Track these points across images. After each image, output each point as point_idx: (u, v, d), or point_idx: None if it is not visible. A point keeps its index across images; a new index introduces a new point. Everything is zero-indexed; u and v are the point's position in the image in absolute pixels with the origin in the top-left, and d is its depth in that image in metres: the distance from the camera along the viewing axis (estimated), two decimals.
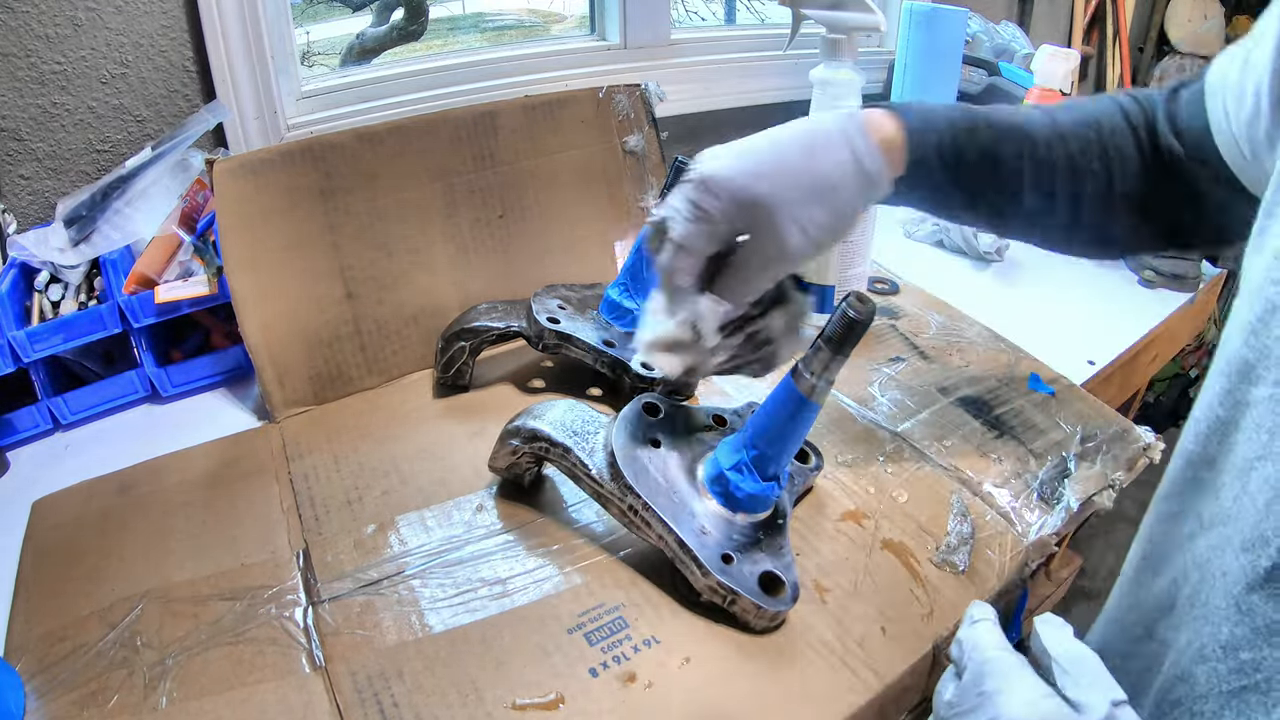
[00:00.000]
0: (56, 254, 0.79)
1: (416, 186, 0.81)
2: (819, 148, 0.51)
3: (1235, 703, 0.33)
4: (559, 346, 0.75)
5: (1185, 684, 0.37)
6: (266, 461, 0.70)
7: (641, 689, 0.50)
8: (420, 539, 0.61)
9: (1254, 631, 0.33)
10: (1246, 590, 0.33)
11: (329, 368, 0.78)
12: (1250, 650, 0.33)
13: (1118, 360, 0.93)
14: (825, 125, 0.52)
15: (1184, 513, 0.40)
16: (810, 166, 0.50)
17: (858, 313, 0.50)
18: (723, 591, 0.53)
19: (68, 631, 0.54)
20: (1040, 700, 0.34)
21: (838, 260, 0.84)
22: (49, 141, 0.88)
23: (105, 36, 0.87)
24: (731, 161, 0.50)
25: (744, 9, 1.61)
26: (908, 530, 0.64)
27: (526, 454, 0.61)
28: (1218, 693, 0.34)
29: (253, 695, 0.50)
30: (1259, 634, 0.33)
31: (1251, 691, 0.33)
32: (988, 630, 0.38)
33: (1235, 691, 0.34)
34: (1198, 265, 1.09)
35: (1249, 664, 0.33)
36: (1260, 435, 0.34)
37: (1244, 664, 0.33)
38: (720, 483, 0.57)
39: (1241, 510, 0.35)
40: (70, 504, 0.66)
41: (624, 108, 0.93)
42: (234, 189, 0.73)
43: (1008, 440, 0.74)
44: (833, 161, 0.51)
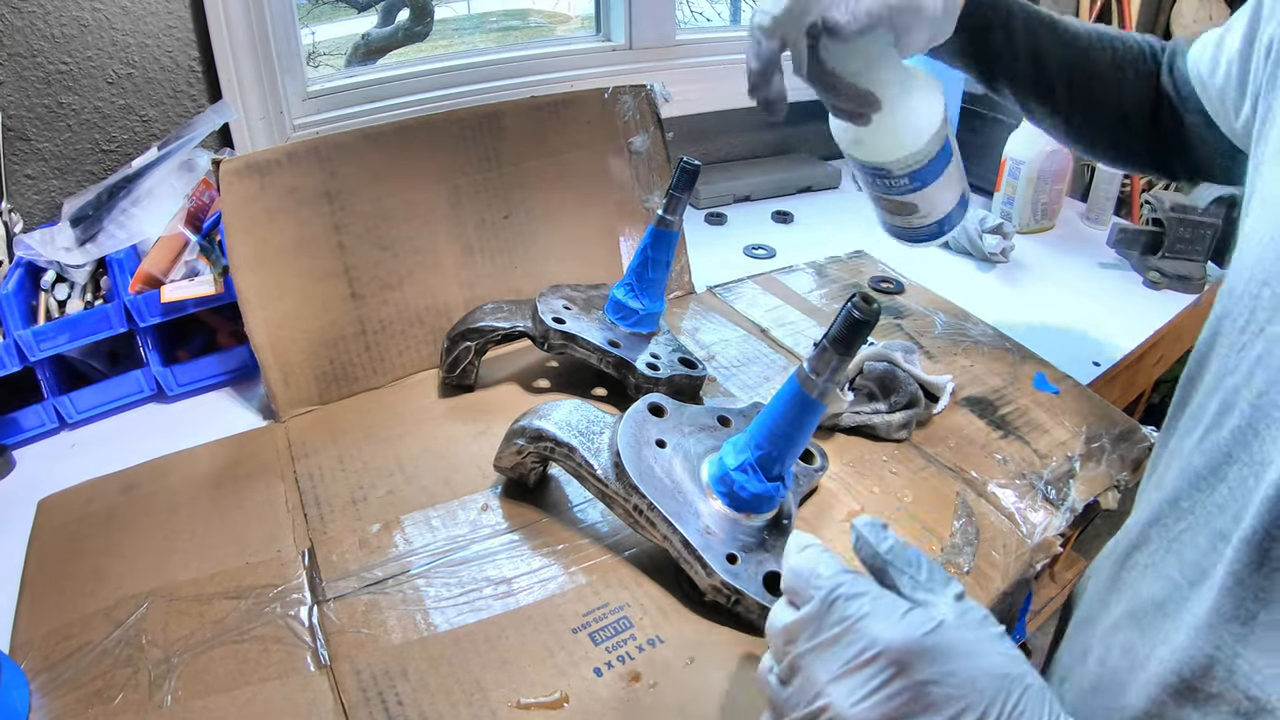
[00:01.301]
0: (62, 253, 0.79)
1: (422, 187, 0.82)
2: None
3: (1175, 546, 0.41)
4: (564, 346, 0.75)
5: (1140, 549, 0.44)
6: (272, 461, 0.70)
7: (646, 688, 0.50)
8: (425, 538, 0.62)
9: (1189, 482, 0.40)
10: (1190, 452, 0.41)
11: (334, 367, 0.78)
12: (1186, 499, 0.40)
13: (1123, 361, 0.93)
14: None
15: (1168, 429, 0.46)
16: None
17: (863, 313, 0.50)
18: (727, 591, 0.53)
19: (73, 629, 0.54)
20: (906, 615, 0.33)
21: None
22: (55, 141, 0.88)
23: (112, 37, 0.87)
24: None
25: (749, 9, 1.61)
26: (912, 531, 0.64)
27: (532, 454, 0.61)
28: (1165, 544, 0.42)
29: (257, 694, 0.50)
30: (1191, 482, 0.40)
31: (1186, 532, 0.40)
32: (820, 554, 0.36)
33: (1175, 538, 0.41)
34: (1203, 267, 1.09)
35: (1185, 509, 0.40)
36: (1220, 341, 0.40)
37: (1181, 511, 0.41)
38: (725, 483, 0.57)
39: (1198, 394, 0.41)
40: (76, 503, 0.66)
41: (629, 108, 0.93)
42: (240, 189, 0.73)
43: (1013, 440, 0.74)
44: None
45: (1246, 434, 0.36)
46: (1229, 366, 0.38)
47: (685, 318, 0.93)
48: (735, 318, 0.93)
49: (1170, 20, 2.21)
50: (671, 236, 0.76)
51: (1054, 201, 1.23)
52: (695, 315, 0.94)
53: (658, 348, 0.78)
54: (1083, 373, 0.87)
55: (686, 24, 1.47)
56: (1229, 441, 0.37)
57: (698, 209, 1.28)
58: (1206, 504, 0.38)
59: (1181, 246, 1.09)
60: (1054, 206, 1.23)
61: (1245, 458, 0.36)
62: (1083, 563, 1.46)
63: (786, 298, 0.98)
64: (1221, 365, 0.39)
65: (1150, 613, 0.41)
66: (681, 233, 0.79)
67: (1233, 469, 0.37)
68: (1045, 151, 1.17)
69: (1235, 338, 0.38)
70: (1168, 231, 1.09)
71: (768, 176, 1.34)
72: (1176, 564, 0.40)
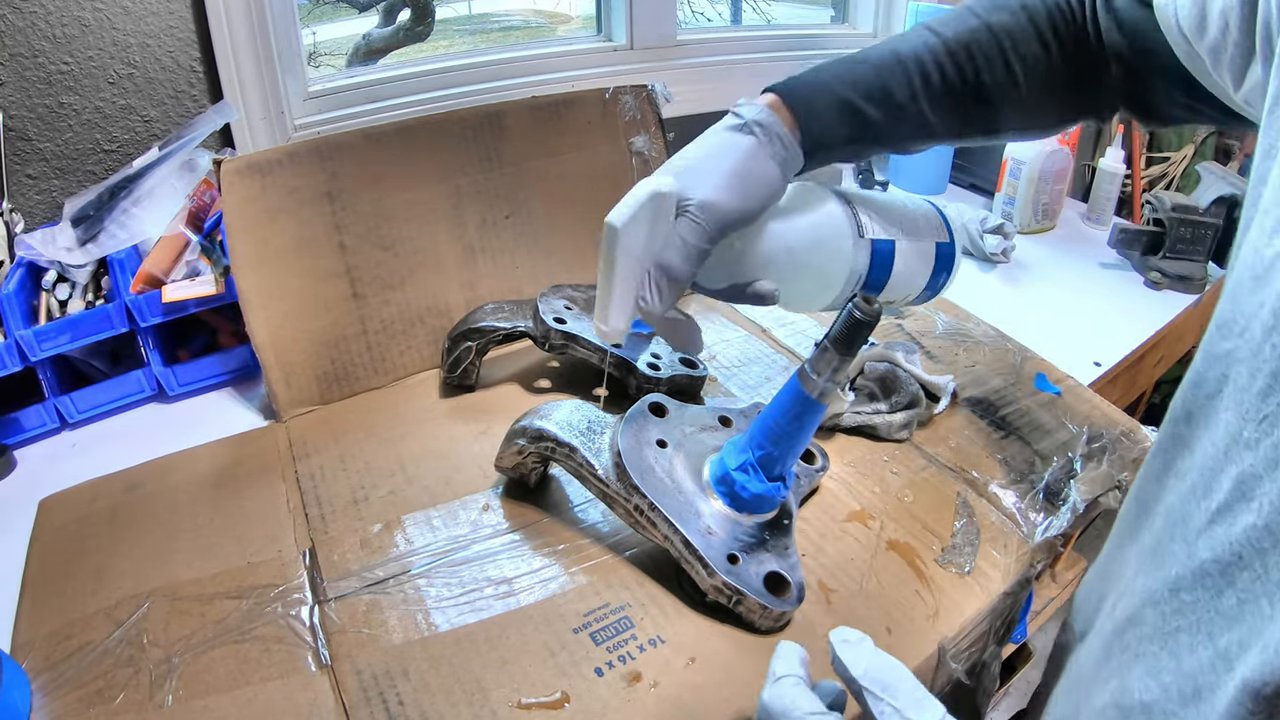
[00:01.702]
0: (64, 253, 0.79)
1: (423, 187, 0.82)
2: (754, 169, 0.53)
3: (1171, 643, 0.34)
4: (565, 346, 0.75)
5: (1135, 626, 0.37)
6: (273, 461, 0.71)
7: (647, 688, 0.50)
8: (426, 538, 0.62)
9: (1192, 573, 0.33)
10: (1195, 534, 0.34)
11: (335, 367, 0.78)
12: (1189, 592, 0.34)
13: (1124, 361, 0.92)
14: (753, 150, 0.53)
15: (1166, 470, 0.40)
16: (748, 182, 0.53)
17: (864, 313, 0.50)
18: (728, 591, 0.53)
19: (74, 629, 0.54)
20: None
21: None
22: (56, 141, 0.88)
23: (113, 37, 0.87)
24: (720, 192, 0.52)
25: (750, 10, 1.62)
26: (913, 531, 0.64)
27: (533, 454, 0.61)
28: (1160, 634, 0.35)
29: (258, 693, 0.50)
30: (1195, 575, 0.33)
31: (1183, 631, 0.33)
32: (793, 689, 0.35)
33: (1172, 632, 0.34)
34: (1204, 267, 1.09)
35: (1186, 605, 0.34)
36: (1225, 387, 0.34)
37: (1183, 605, 0.34)
38: (726, 483, 0.57)
39: (1205, 458, 0.35)
40: (77, 502, 0.66)
41: (630, 108, 0.93)
42: (241, 189, 0.73)
43: (1013, 440, 0.74)
44: (767, 179, 0.54)
45: (1264, 540, 0.30)
46: (1245, 438, 0.32)
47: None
48: (736, 317, 0.93)
49: None
50: None
51: (1055, 202, 1.23)
52: (696, 315, 0.93)
53: (659, 348, 0.78)
54: (1084, 373, 0.87)
55: (687, 24, 1.47)
56: (1242, 541, 0.31)
57: None
58: (1210, 608, 0.33)
59: (1182, 247, 1.09)
60: (1055, 207, 1.23)
61: (1260, 569, 0.30)
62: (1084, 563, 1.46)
63: None
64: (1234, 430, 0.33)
65: (1137, 716, 0.36)
66: None
67: (1243, 576, 0.31)
68: (1046, 152, 1.17)
69: (1253, 402, 0.32)
70: (1169, 232, 1.09)
71: None
72: (1171, 667, 0.34)
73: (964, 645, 0.57)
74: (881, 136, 0.57)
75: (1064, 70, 0.57)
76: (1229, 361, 0.34)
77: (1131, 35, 0.54)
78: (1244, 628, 0.30)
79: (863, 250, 0.58)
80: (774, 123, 0.53)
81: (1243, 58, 0.42)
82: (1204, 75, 0.48)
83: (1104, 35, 0.55)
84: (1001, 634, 0.60)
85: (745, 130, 0.53)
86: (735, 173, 0.52)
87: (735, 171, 0.52)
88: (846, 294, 0.59)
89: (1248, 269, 0.34)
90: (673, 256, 0.51)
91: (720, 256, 0.55)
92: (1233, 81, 0.44)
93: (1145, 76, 0.55)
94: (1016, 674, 1.27)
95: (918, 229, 0.62)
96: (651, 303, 0.51)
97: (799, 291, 0.58)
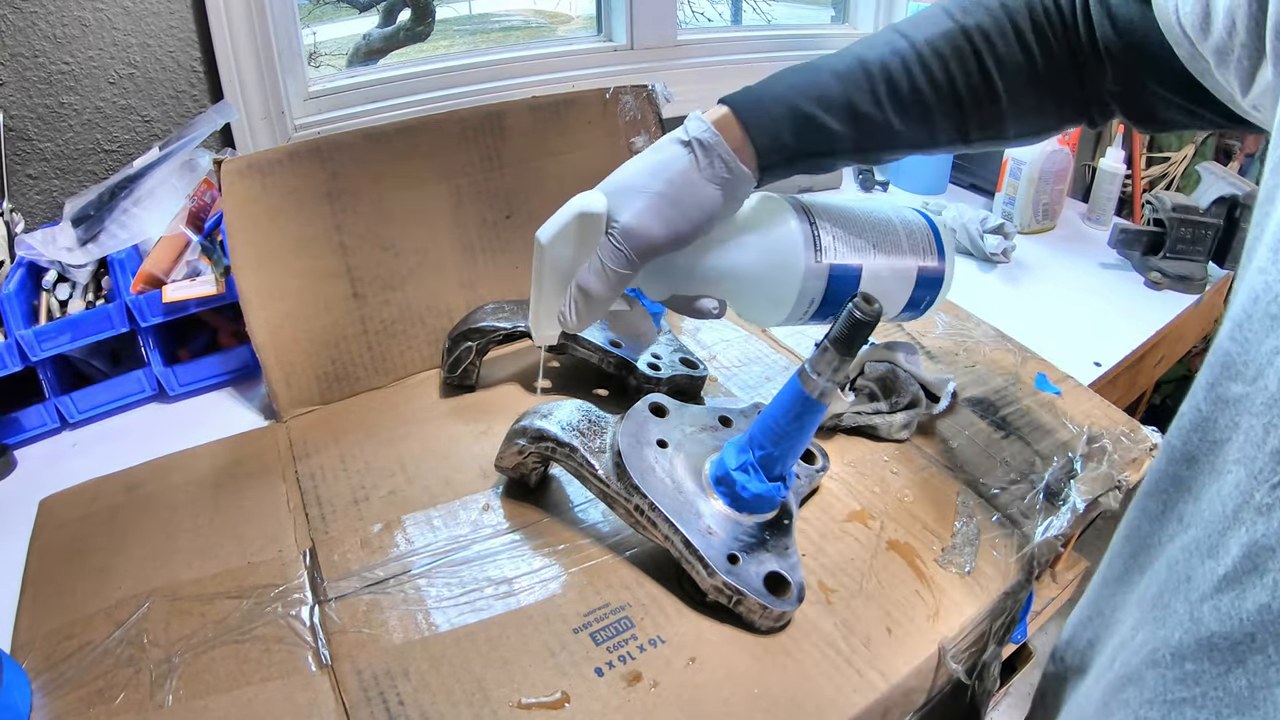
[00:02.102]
0: (64, 253, 0.79)
1: (423, 187, 0.82)
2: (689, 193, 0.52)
3: (1174, 714, 0.32)
4: (565, 346, 0.75)
5: (1135, 686, 0.35)
6: (273, 461, 0.71)
7: (647, 689, 0.50)
8: (426, 538, 0.62)
9: (1197, 641, 0.31)
10: (1200, 599, 0.32)
11: (336, 367, 0.78)
12: (1193, 661, 0.31)
13: (1124, 361, 0.92)
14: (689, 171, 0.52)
15: (1166, 512, 0.38)
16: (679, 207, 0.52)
17: (864, 314, 0.50)
18: (728, 592, 0.53)
19: (74, 629, 0.54)
20: None
21: None
22: (57, 141, 0.88)
23: (113, 37, 0.87)
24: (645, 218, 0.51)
25: (750, 10, 1.62)
26: (913, 531, 0.64)
27: (533, 454, 0.61)
28: (1162, 700, 0.33)
29: (259, 693, 0.50)
30: (1201, 645, 0.31)
31: (1188, 704, 0.31)
32: None
33: (1176, 702, 0.32)
34: (1204, 267, 1.09)
35: (1191, 675, 0.31)
36: (1235, 436, 0.32)
37: (1187, 674, 0.32)
38: (726, 483, 0.57)
39: (1212, 514, 0.33)
40: (77, 502, 0.66)
41: (631, 109, 0.93)
42: (241, 189, 0.73)
43: (1014, 440, 0.74)
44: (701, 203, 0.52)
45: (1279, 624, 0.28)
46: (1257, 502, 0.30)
47: (687, 318, 0.93)
48: (736, 318, 0.93)
49: None
50: None
51: (1055, 202, 1.23)
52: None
53: (659, 348, 0.78)
54: (1084, 373, 0.87)
55: (688, 24, 1.47)
56: (1255, 621, 0.29)
57: None
58: (1217, 685, 0.30)
59: (1183, 247, 1.09)
60: (1055, 207, 1.23)
61: (1275, 655, 0.28)
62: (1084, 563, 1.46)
63: None
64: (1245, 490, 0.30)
65: None
66: None
67: (1255, 659, 0.29)
68: (1046, 152, 1.17)
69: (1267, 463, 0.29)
70: (1169, 232, 1.09)
71: None
72: None
73: (964, 645, 0.57)
74: (845, 149, 0.55)
75: (1048, 73, 0.54)
76: (1239, 410, 0.32)
77: (1127, 34, 0.51)
78: (1257, 716, 0.29)
79: (817, 275, 0.55)
80: (717, 143, 0.51)
81: (1250, 60, 0.39)
82: (1207, 77, 0.46)
83: (1097, 33, 0.52)
84: (1001, 634, 0.60)
85: (687, 149, 0.52)
86: (666, 196, 0.51)
87: (666, 195, 0.51)
88: (799, 314, 0.57)
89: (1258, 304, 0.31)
90: (590, 279, 0.51)
91: (664, 268, 0.54)
92: (1240, 85, 0.41)
93: (1141, 78, 0.52)
94: (1016, 674, 1.27)
95: (897, 247, 0.59)
96: (569, 320, 0.53)
97: (748, 308, 0.57)
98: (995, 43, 0.54)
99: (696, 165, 0.51)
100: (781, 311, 0.57)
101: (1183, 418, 0.37)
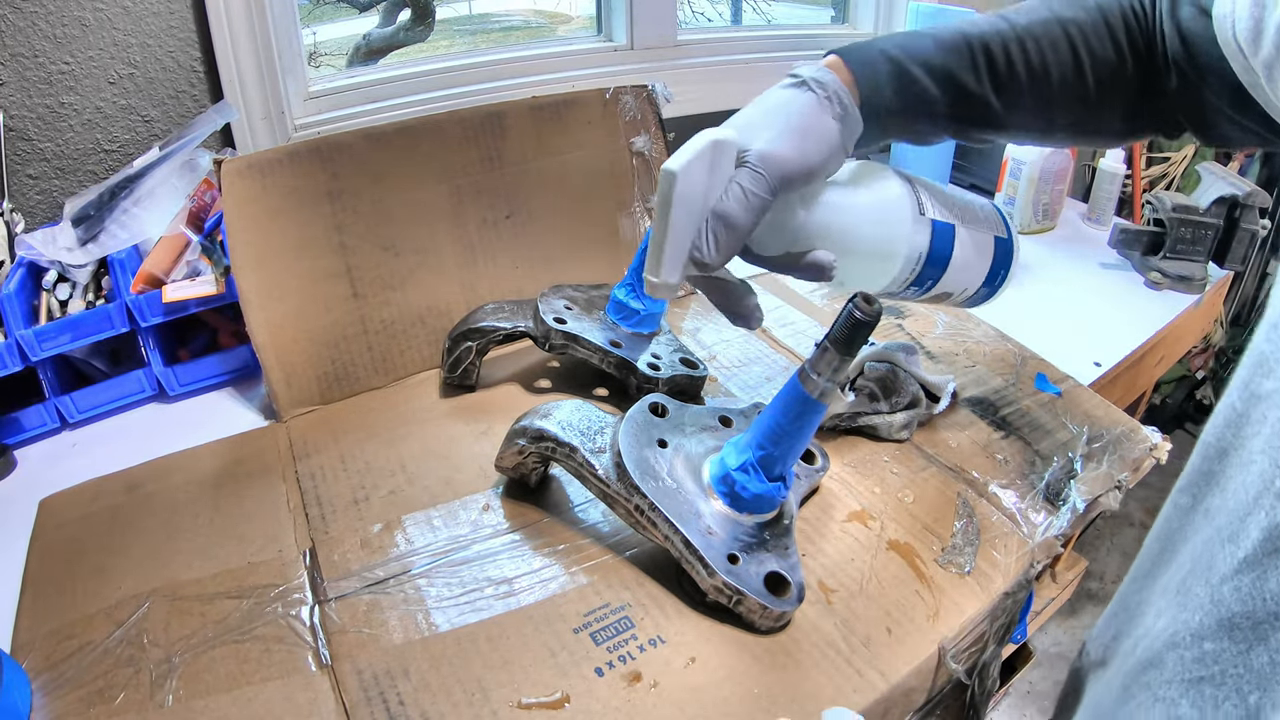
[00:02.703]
0: (64, 253, 0.79)
1: (424, 187, 0.82)
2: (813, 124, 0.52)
3: (1193, 692, 0.33)
4: (565, 346, 0.75)
5: (1155, 669, 0.36)
6: (273, 461, 0.71)
7: (647, 689, 0.50)
8: (426, 538, 0.62)
9: (1218, 622, 0.33)
10: (1221, 581, 0.33)
11: (336, 367, 0.78)
12: (1213, 640, 0.33)
13: (1124, 361, 0.92)
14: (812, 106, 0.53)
15: (1194, 507, 0.39)
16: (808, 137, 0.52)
17: (864, 313, 0.50)
18: (728, 592, 0.53)
19: (74, 629, 0.54)
20: None
21: None
22: (57, 141, 0.88)
23: (113, 37, 0.87)
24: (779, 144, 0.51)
25: (750, 10, 1.62)
26: (913, 531, 0.64)
27: (533, 454, 0.61)
28: (1180, 680, 0.34)
29: (259, 693, 0.50)
30: (1221, 625, 0.33)
31: (1207, 682, 0.33)
32: None
33: (1194, 680, 0.33)
34: (1204, 267, 1.09)
35: (1210, 654, 0.33)
36: (1263, 429, 0.33)
37: (1205, 654, 0.33)
38: (726, 483, 0.57)
39: (1236, 502, 0.34)
40: (77, 502, 0.66)
41: (631, 109, 0.93)
42: (241, 189, 0.73)
43: (1014, 440, 0.74)
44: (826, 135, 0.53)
45: None
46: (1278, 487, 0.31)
47: (686, 318, 0.93)
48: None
49: None
50: None
51: (1055, 202, 1.23)
52: (696, 315, 0.94)
53: (659, 348, 0.78)
54: (1084, 373, 0.87)
55: (688, 24, 1.47)
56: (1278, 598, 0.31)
57: None
58: (1238, 663, 0.32)
59: (1183, 247, 1.09)
60: (1055, 207, 1.23)
61: None
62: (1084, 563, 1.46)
63: (788, 298, 0.98)
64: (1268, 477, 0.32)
65: None
66: None
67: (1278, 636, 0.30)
68: (1046, 152, 1.17)
69: None
70: (1169, 232, 1.09)
71: None
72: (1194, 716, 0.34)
73: (964, 645, 0.57)
74: (941, 113, 0.56)
75: (1134, 76, 0.56)
76: (1270, 404, 0.33)
77: (1191, 45, 0.53)
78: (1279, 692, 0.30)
79: (922, 229, 0.57)
80: (832, 81, 0.53)
81: None
82: (1258, 90, 0.48)
83: (1166, 43, 0.54)
84: (1001, 634, 0.60)
85: (803, 88, 0.52)
86: (794, 127, 0.51)
87: (794, 126, 0.51)
88: (904, 276, 0.58)
89: None
90: (732, 205, 0.49)
91: (778, 222, 0.54)
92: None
93: (1199, 89, 0.54)
94: (1016, 674, 1.27)
95: (976, 219, 0.62)
96: (707, 253, 0.50)
97: (856, 267, 0.57)
98: (1090, 38, 0.55)
99: (817, 100, 0.52)
100: (890, 269, 0.57)
101: (1217, 415, 0.38)
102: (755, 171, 0.49)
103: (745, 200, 0.49)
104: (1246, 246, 1.09)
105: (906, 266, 0.57)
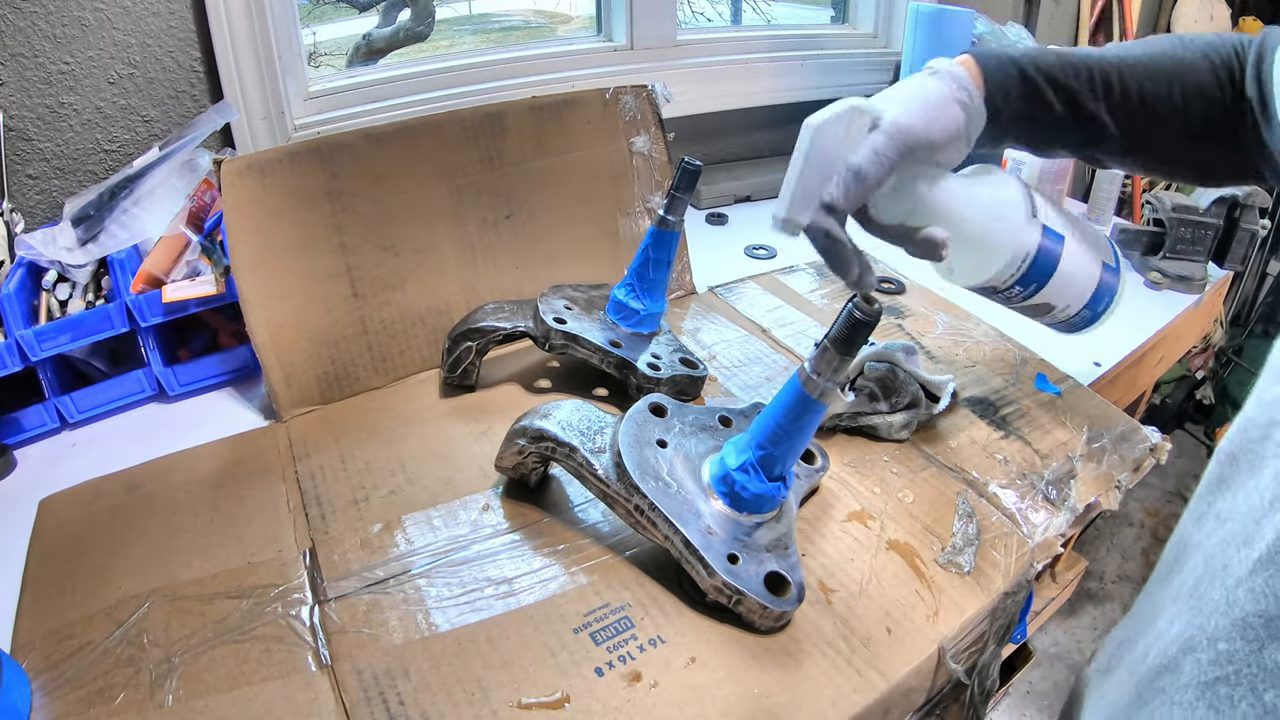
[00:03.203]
0: (64, 253, 0.79)
1: (423, 187, 0.82)
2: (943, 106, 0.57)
3: (1209, 694, 0.34)
4: (565, 346, 0.75)
5: (1171, 673, 0.37)
6: (273, 461, 0.71)
7: (647, 688, 0.50)
8: (426, 538, 0.62)
9: (1233, 623, 0.33)
10: (1236, 583, 0.34)
11: (336, 367, 0.78)
12: (1227, 641, 0.33)
13: (1124, 361, 0.92)
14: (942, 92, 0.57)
15: (1209, 512, 0.39)
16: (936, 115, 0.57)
17: (864, 313, 0.50)
18: (728, 591, 0.53)
19: (74, 629, 0.54)
20: None
21: None
22: (57, 141, 0.88)
23: (113, 37, 0.87)
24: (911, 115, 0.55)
25: (750, 10, 1.61)
26: (913, 531, 0.64)
27: (533, 454, 0.61)
28: (1197, 683, 0.34)
29: (259, 693, 0.50)
30: (1236, 626, 0.33)
31: (1222, 683, 0.33)
32: None
33: (1209, 683, 0.34)
34: (1204, 267, 1.09)
35: (1224, 655, 0.33)
36: (1274, 432, 0.34)
37: (1220, 655, 0.33)
38: (726, 483, 0.57)
39: (1249, 505, 0.35)
40: (77, 502, 0.66)
41: (631, 109, 0.93)
42: (241, 189, 0.73)
43: (1014, 440, 0.74)
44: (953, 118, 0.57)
45: None
46: None
47: (686, 318, 0.93)
48: (736, 318, 0.93)
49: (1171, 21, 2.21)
50: (673, 237, 0.76)
51: (1055, 201, 1.22)
52: (696, 315, 0.94)
53: (659, 348, 0.78)
54: (1084, 373, 0.87)
55: (688, 24, 1.47)
56: None
57: (699, 209, 1.28)
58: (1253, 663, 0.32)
59: (1183, 247, 1.09)
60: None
61: None
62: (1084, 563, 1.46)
63: (788, 298, 0.98)
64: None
65: None
66: (683, 233, 0.79)
67: None
68: None
69: None
70: (1169, 232, 1.09)
71: (769, 176, 1.34)
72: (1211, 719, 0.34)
73: (964, 645, 0.57)
74: (1057, 127, 0.61)
75: (1230, 119, 0.60)
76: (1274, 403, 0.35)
77: (1261, 94, 0.57)
78: None
79: (1033, 230, 0.59)
80: (963, 75, 0.57)
81: None
82: None
83: (1246, 90, 0.59)
84: (1001, 634, 0.60)
85: (937, 77, 0.58)
86: (925, 104, 0.56)
87: (927, 104, 0.56)
88: (1009, 273, 0.60)
89: None
90: (864, 159, 0.53)
91: (901, 192, 0.57)
92: None
93: (1263, 136, 0.58)
94: (1016, 674, 1.27)
95: (1087, 240, 0.64)
96: (839, 198, 0.53)
97: (965, 254, 0.59)
98: (1201, 73, 0.60)
99: (947, 88, 0.57)
100: (995, 261, 0.59)
101: (1234, 425, 0.39)
102: (888, 134, 0.54)
103: (876, 157, 0.53)
104: (1246, 246, 1.09)
105: (1013, 263, 0.59)
